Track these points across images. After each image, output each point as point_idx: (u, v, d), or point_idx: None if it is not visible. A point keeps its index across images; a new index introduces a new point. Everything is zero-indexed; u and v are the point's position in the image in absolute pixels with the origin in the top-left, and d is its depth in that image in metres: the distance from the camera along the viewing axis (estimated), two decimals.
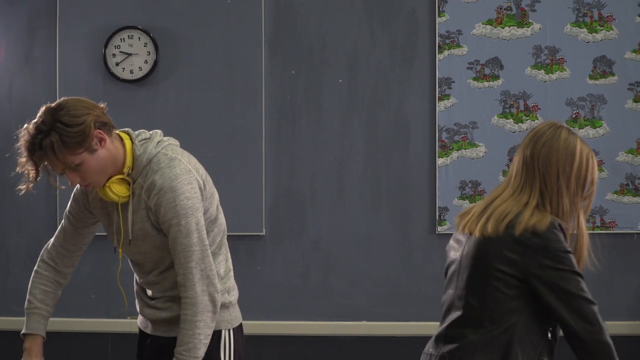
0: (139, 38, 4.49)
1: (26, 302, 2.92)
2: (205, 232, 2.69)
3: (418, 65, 4.45)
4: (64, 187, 2.73)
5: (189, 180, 2.68)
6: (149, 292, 2.85)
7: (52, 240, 2.94)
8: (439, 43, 4.41)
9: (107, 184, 2.69)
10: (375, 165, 4.46)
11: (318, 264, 4.50)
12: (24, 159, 2.66)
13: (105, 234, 2.98)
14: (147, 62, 4.49)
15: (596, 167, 2.59)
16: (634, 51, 4.35)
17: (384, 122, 4.46)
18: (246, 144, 4.48)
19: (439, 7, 4.40)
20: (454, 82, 4.40)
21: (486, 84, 4.40)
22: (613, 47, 4.36)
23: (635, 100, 4.36)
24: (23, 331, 2.91)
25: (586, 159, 2.56)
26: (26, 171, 2.68)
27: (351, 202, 4.47)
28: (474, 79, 4.41)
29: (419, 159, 4.44)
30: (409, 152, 4.45)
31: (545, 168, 2.53)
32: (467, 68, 4.40)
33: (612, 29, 4.36)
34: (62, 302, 4.57)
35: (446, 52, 4.41)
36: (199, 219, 2.68)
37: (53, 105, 2.64)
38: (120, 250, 2.79)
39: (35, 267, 2.93)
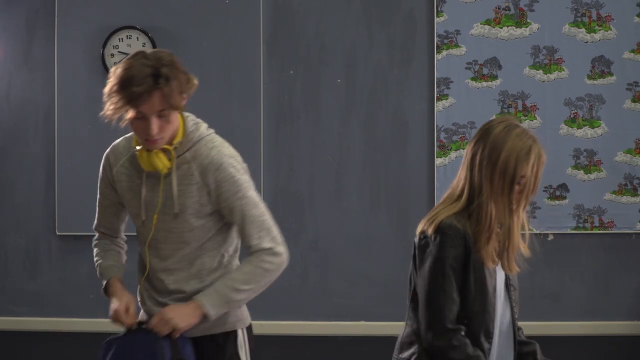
0: (138, 38, 4.49)
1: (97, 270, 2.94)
2: None
3: (416, 65, 4.45)
4: (155, 131, 2.64)
5: (240, 162, 2.80)
6: (163, 283, 2.79)
7: (96, 224, 2.99)
8: (437, 43, 4.41)
9: (155, 151, 2.69)
10: (373, 166, 4.46)
11: (316, 264, 4.50)
12: (117, 96, 2.59)
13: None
14: None
15: (532, 163, 2.48)
16: (633, 51, 4.35)
17: (383, 122, 4.46)
18: (244, 144, 4.45)
19: (437, 7, 4.40)
20: (452, 82, 4.40)
21: (484, 84, 4.41)
22: (611, 47, 4.36)
23: (633, 100, 4.36)
24: (103, 286, 2.89)
25: (516, 154, 2.47)
26: (115, 109, 2.63)
27: (350, 202, 4.47)
28: (473, 79, 4.41)
29: (417, 159, 4.44)
30: (407, 152, 4.45)
31: (472, 164, 2.53)
32: (466, 68, 4.40)
33: (611, 29, 4.36)
34: (60, 302, 4.59)
35: (444, 52, 4.41)
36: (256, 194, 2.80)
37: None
38: (154, 220, 2.76)
39: (93, 244, 2.99)
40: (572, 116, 4.38)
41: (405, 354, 2.59)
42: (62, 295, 4.58)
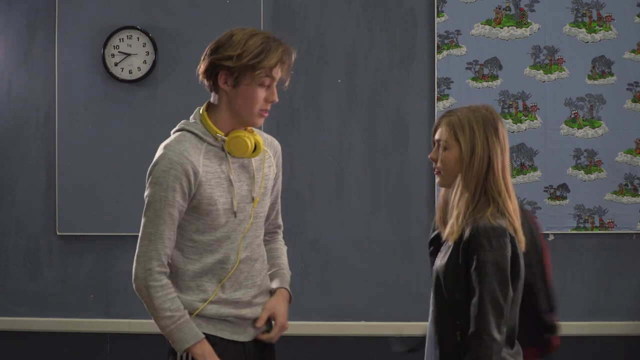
0: (138, 38, 4.49)
1: (166, 318, 2.53)
2: None
3: (417, 65, 4.44)
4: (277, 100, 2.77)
5: None
6: (248, 274, 2.69)
7: (156, 247, 2.53)
8: (437, 43, 4.41)
9: (254, 133, 2.70)
10: (374, 165, 4.46)
11: (317, 264, 4.50)
12: (262, 56, 2.66)
13: (104, 233, 2.96)
14: (145, 62, 4.49)
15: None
16: (633, 51, 4.35)
17: (383, 122, 4.46)
18: None
19: (437, 7, 4.40)
20: (452, 82, 4.40)
21: (485, 84, 4.40)
22: (612, 47, 4.36)
23: (634, 101, 4.36)
24: (190, 343, 2.53)
25: None
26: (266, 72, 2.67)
27: (350, 202, 4.47)
28: (473, 79, 4.41)
29: (417, 158, 4.44)
30: (407, 152, 4.45)
31: None
32: (466, 68, 4.40)
33: (611, 29, 4.36)
34: (60, 302, 4.59)
35: (445, 52, 4.41)
36: None
37: None
38: (254, 204, 2.68)
39: (151, 282, 2.52)
40: (572, 116, 4.38)
41: None
42: (62, 295, 4.58)
